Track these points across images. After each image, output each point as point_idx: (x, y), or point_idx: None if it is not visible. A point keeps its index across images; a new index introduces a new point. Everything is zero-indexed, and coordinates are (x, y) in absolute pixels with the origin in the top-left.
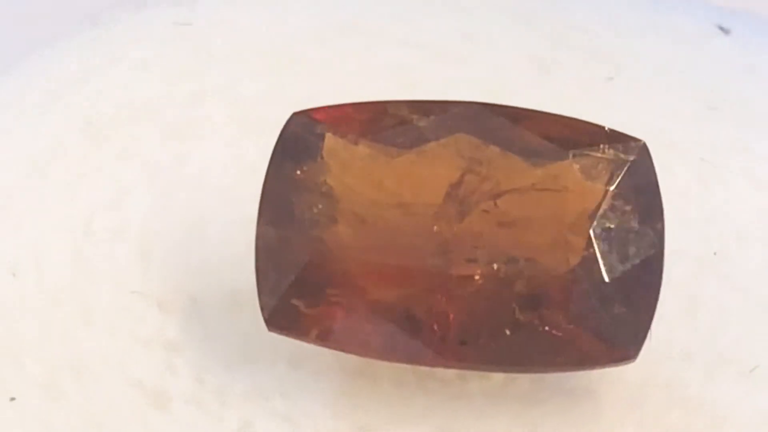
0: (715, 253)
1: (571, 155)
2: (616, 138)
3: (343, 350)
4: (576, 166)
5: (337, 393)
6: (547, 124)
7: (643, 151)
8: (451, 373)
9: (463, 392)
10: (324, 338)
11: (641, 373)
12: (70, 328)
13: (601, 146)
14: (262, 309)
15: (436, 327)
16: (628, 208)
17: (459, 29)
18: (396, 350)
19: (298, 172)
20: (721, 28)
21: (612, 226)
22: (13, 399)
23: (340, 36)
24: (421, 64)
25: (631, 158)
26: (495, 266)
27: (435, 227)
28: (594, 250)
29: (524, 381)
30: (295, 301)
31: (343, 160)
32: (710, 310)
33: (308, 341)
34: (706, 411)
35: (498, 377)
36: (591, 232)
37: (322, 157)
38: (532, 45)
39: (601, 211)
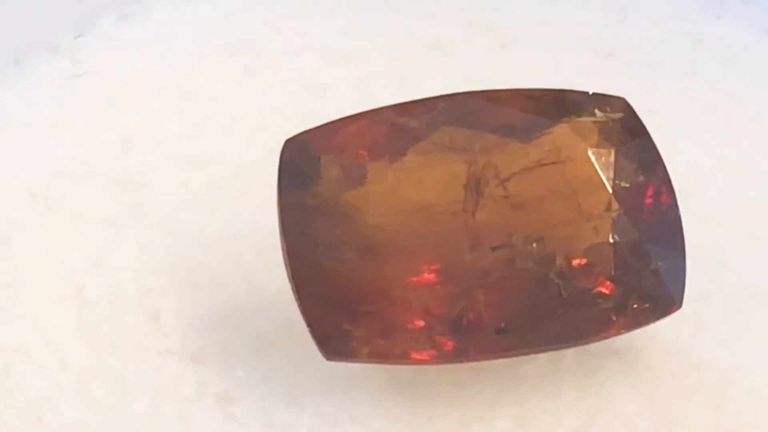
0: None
1: (564, 124)
2: (598, 100)
3: (397, 363)
4: (573, 134)
5: (399, 405)
6: (527, 100)
7: (626, 107)
8: (501, 362)
9: (518, 377)
10: (377, 355)
11: None
12: (112, 405)
13: (588, 110)
14: (318, 341)
15: (486, 319)
16: (634, 165)
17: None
18: (449, 352)
19: (308, 198)
20: None
21: (627, 185)
22: None
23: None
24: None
25: (620, 116)
26: (531, 246)
27: (459, 223)
28: (618, 212)
29: (568, 354)
30: (346, 326)
31: (349, 176)
32: None
33: (363, 361)
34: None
35: (543, 356)
36: (611, 195)
37: (326, 178)
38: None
39: (612, 173)
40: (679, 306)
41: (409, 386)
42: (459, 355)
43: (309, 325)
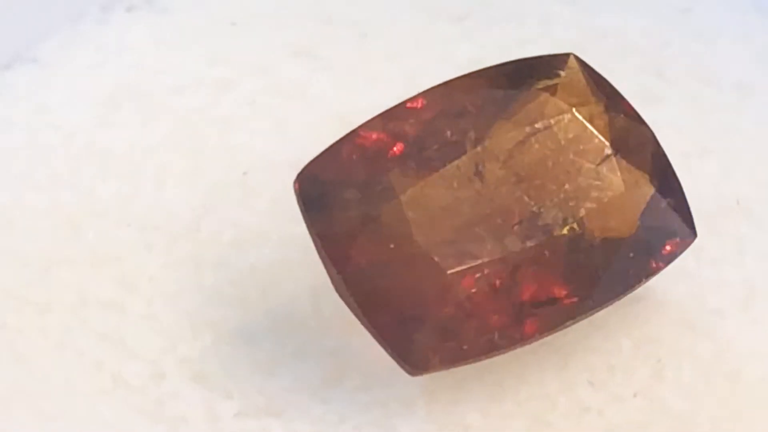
0: None
1: (537, 91)
2: (551, 61)
3: (473, 361)
4: (550, 98)
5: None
6: (491, 78)
7: (575, 60)
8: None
9: (568, 344)
10: (456, 359)
11: None
12: None
13: (551, 72)
14: (400, 358)
15: (540, 294)
16: (615, 113)
17: None
18: (517, 335)
19: (341, 225)
20: None
21: (622, 135)
22: None
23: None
24: None
25: (579, 69)
26: (551, 213)
27: (482, 212)
28: (624, 164)
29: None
30: (419, 337)
31: (372, 192)
32: None
33: (447, 368)
34: None
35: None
36: (606, 145)
37: (351, 200)
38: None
39: (605, 125)
40: (695, 236)
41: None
42: (527, 336)
43: (389, 345)
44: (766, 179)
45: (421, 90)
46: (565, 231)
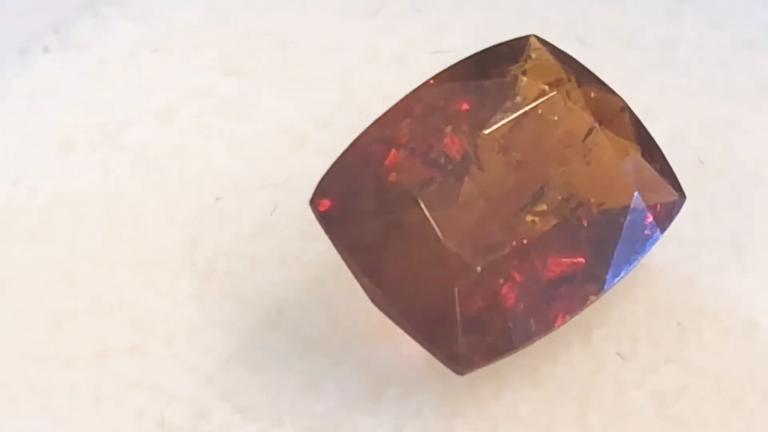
0: None
1: (514, 77)
2: (514, 46)
3: (514, 351)
4: (530, 81)
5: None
6: (464, 72)
7: (537, 40)
8: None
9: (587, 321)
10: (500, 350)
11: None
12: None
13: (521, 56)
14: (448, 359)
15: (566, 276)
16: (588, 87)
17: None
18: (547, 322)
19: (367, 237)
20: None
21: (600, 106)
22: None
23: None
24: None
25: (545, 50)
26: (557, 192)
27: (493, 199)
28: (609, 134)
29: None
30: (459, 336)
31: (388, 199)
32: None
33: (494, 361)
34: None
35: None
36: (594, 121)
37: (369, 211)
38: None
39: (582, 100)
40: (685, 198)
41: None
42: (559, 318)
43: (435, 348)
44: (719, 134)
45: (359, 89)
46: (570, 208)
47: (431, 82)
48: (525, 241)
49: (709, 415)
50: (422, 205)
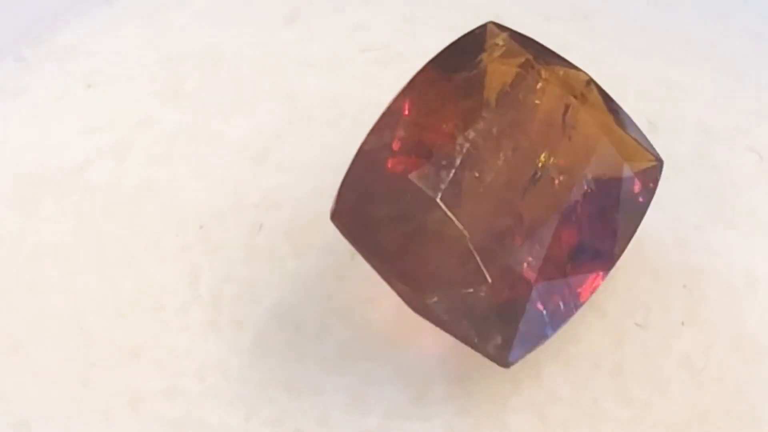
0: None
1: (488, 65)
2: (478, 35)
3: (551, 335)
4: (503, 67)
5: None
6: (440, 68)
7: (496, 26)
8: None
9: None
10: (538, 338)
11: None
12: None
13: (489, 44)
14: (495, 355)
15: (582, 252)
16: (554, 64)
17: None
18: (575, 301)
19: (394, 244)
20: None
21: (570, 82)
22: None
23: None
24: None
25: (505, 33)
26: (550, 166)
27: (498, 178)
28: (587, 108)
29: None
30: (501, 329)
31: (406, 204)
32: None
33: (525, 354)
34: None
35: None
36: (570, 97)
37: (392, 218)
38: None
39: (554, 78)
40: (662, 162)
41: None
42: (583, 295)
43: (480, 346)
44: (659, 95)
45: (302, 96)
46: (567, 186)
47: (415, 80)
48: (534, 226)
49: (740, 371)
50: (442, 206)
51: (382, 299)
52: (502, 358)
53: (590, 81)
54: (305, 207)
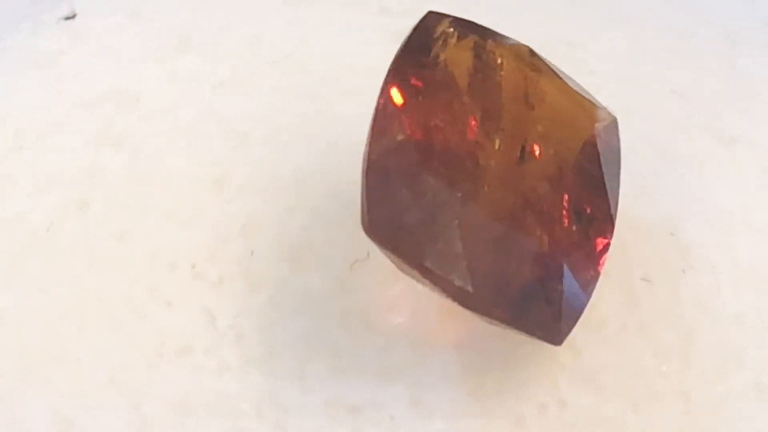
0: None
1: (447, 55)
2: (426, 26)
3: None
4: (462, 54)
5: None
6: (403, 66)
7: (436, 15)
8: None
9: None
10: (580, 309)
11: None
12: None
13: (435, 35)
14: (545, 334)
15: (585, 218)
16: (498, 41)
17: None
18: (595, 267)
19: (429, 246)
20: None
21: (522, 56)
22: None
23: None
24: None
25: (447, 20)
26: (538, 140)
27: (508, 171)
28: (547, 79)
29: None
30: (544, 308)
31: (429, 204)
32: None
33: (573, 327)
34: None
35: None
36: (530, 71)
37: (421, 221)
38: None
39: (508, 56)
40: (615, 117)
41: None
42: (600, 257)
43: (531, 328)
44: (563, 54)
45: (233, 121)
46: (553, 154)
47: (388, 93)
48: (541, 201)
49: (753, 301)
50: (460, 199)
51: (397, 302)
52: (553, 335)
53: (531, 51)
54: (287, 225)
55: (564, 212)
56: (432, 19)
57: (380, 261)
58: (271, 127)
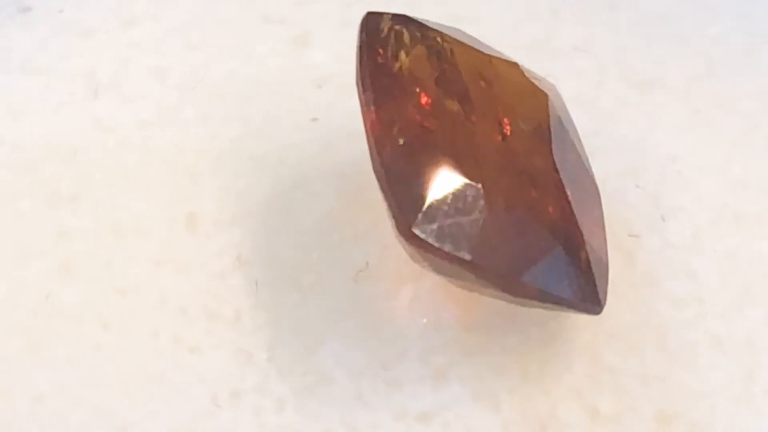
0: None
1: (408, 53)
2: (369, 34)
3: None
4: (421, 49)
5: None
6: (374, 68)
7: (373, 17)
8: None
9: None
10: (606, 272)
11: None
12: None
13: (386, 34)
14: (586, 304)
15: (579, 183)
16: (437, 30)
17: None
18: (600, 229)
19: (464, 240)
20: None
21: (469, 43)
22: None
23: None
24: None
25: (387, 17)
26: (518, 119)
27: (504, 155)
28: (503, 62)
29: None
30: (578, 281)
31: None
32: None
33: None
34: None
35: None
36: (484, 56)
37: (450, 222)
38: None
39: (456, 44)
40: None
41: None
42: (599, 219)
43: (575, 304)
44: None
45: (183, 143)
46: (529, 132)
47: (372, 104)
48: (536, 176)
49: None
50: (483, 192)
51: (416, 303)
52: (593, 306)
53: (469, 35)
54: (280, 250)
55: (560, 180)
56: (373, 20)
57: (381, 267)
58: (215, 154)
